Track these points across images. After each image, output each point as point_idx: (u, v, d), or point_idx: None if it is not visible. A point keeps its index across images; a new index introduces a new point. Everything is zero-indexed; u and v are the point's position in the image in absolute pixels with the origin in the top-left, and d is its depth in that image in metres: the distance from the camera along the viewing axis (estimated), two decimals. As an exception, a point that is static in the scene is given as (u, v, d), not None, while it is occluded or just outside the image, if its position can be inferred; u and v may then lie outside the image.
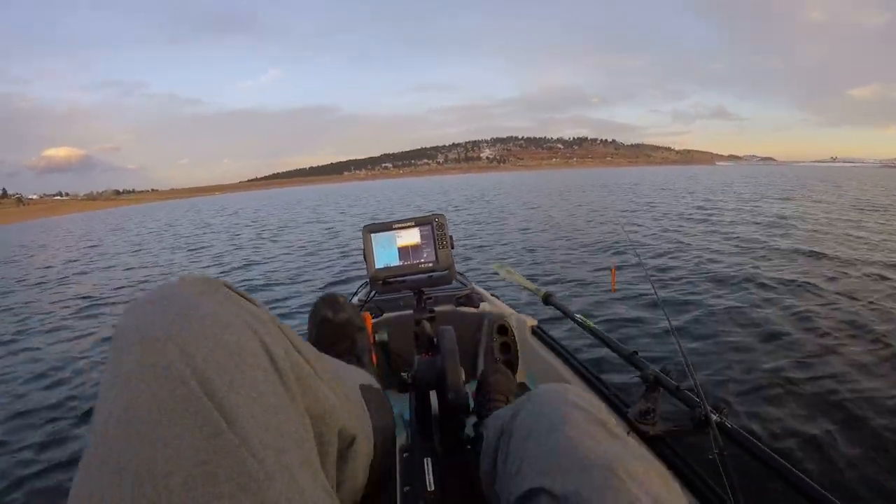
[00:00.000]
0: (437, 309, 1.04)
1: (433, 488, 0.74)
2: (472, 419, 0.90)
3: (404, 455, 0.88)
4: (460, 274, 2.09)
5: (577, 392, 0.55)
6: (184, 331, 0.31)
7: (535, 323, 1.51)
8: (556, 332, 1.70)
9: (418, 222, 1.00)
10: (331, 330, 0.85)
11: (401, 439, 1.10)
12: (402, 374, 1.09)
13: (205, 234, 13.82)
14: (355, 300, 1.78)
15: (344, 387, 0.47)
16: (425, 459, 0.79)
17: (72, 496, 0.27)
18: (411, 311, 1.00)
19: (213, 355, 0.31)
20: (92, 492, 0.27)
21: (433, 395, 0.85)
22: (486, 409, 0.93)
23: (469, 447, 0.83)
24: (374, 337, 0.98)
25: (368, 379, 0.69)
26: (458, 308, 1.61)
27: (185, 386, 0.29)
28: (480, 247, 7.17)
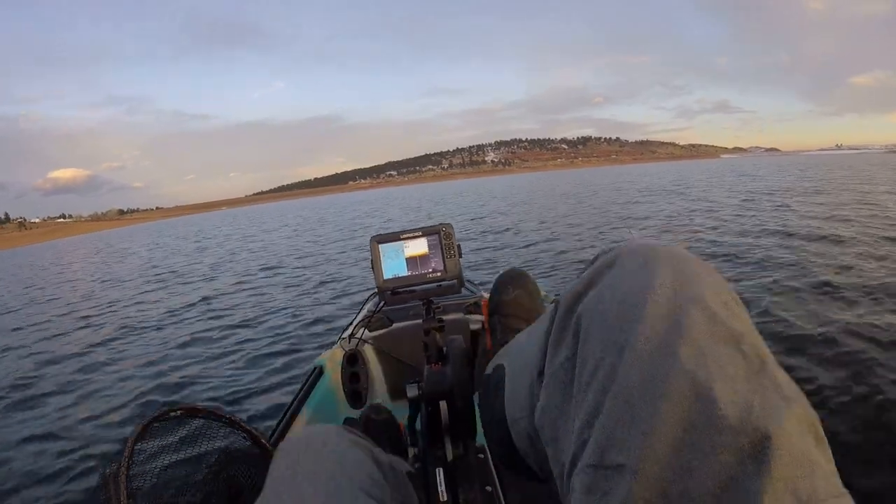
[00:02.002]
0: (445, 318, 1.03)
1: (445, 499, 0.74)
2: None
3: (416, 465, 0.88)
4: (469, 282, 2.09)
5: (695, 266, 0.31)
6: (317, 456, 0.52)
7: None
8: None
9: (425, 232, 1.00)
10: (375, 426, 1.14)
11: (412, 450, 1.10)
12: (413, 384, 1.10)
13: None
14: (364, 311, 1.79)
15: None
16: (437, 469, 0.79)
17: None
18: (420, 321, 1.00)
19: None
20: None
21: (443, 406, 0.85)
22: (501, 336, 0.80)
23: (481, 455, 0.83)
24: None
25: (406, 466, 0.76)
26: (467, 316, 1.61)
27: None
28: (491, 254, 7.18)
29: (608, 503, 0.26)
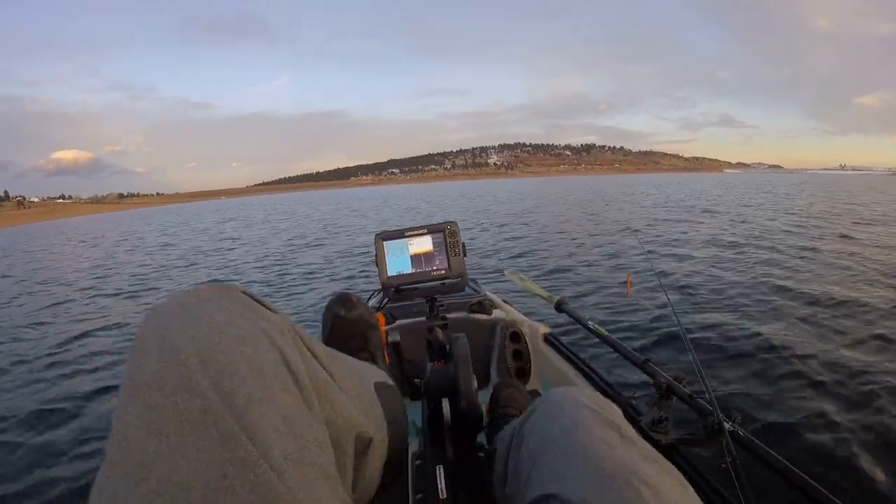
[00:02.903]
0: (449, 316, 1.04)
1: (445, 496, 0.74)
2: (484, 434, 0.91)
3: (416, 462, 0.89)
4: (473, 281, 2.08)
5: (590, 394, 0.55)
6: (204, 342, 0.32)
7: (547, 330, 1.50)
8: (569, 339, 1.69)
9: (431, 230, 1.01)
10: (343, 327, 0.88)
11: (413, 447, 1.10)
12: (415, 380, 1.10)
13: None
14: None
15: (360, 387, 0.49)
16: (437, 467, 0.80)
17: (91, 502, 0.28)
18: (424, 318, 1.00)
19: (231, 367, 0.31)
20: (112, 501, 0.27)
21: (445, 403, 0.86)
22: (499, 422, 0.96)
23: (481, 454, 0.83)
24: (386, 337, 0.99)
25: (382, 376, 0.69)
26: (470, 315, 1.61)
27: (205, 398, 0.29)
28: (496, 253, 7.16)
29: None
